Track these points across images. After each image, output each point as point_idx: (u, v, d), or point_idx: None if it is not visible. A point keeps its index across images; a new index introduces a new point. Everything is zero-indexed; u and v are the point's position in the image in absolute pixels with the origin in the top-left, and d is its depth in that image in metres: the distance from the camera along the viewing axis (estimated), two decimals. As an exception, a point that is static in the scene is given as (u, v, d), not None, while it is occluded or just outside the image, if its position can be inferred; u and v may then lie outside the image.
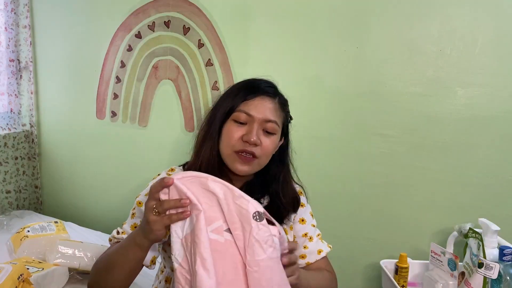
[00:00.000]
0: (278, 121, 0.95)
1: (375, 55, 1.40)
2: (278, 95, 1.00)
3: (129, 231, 0.97)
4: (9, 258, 1.32)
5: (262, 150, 0.93)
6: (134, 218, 0.99)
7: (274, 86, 1.01)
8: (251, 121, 0.93)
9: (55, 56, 1.99)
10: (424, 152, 1.38)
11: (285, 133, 1.03)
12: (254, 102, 0.94)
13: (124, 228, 0.99)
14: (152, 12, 1.73)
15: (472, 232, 1.17)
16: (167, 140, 1.78)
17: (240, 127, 0.93)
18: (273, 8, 1.52)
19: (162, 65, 1.75)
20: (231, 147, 0.92)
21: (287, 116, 1.01)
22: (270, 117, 0.93)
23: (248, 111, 0.93)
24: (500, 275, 1.07)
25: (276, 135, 0.96)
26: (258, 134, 0.92)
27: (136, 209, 0.99)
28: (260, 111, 0.93)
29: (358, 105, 1.44)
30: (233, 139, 0.92)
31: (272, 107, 0.95)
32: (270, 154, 0.97)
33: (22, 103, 2.05)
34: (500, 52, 1.27)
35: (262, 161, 0.96)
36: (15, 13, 1.97)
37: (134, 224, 0.98)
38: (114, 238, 0.98)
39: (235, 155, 0.93)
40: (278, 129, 0.96)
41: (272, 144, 0.95)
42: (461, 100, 1.32)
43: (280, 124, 0.97)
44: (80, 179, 2.02)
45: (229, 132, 0.93)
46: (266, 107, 0.94)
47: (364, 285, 1.52)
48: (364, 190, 1.47)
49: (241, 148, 0.91)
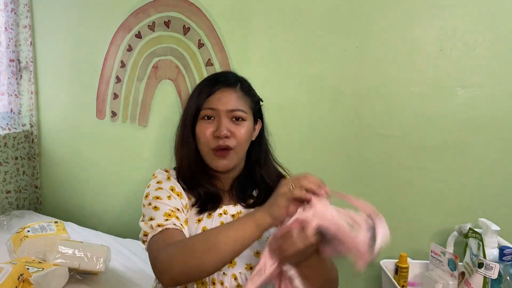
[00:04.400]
0: (244, 108, 0.96)
1: (375, 55, 1.40)
2: (239, 81, 1.00)
3: (169, 219, 0.88)
4: (9, 258, 1.32)
5: (237, 139, 0.94)
6: (159, 210, 0.90)
7: (233, 75, 1.02)
8: (217, 114, 0.94)
9: (55, 56, 1.99)
10: (424, 152, 1.38)
11: (259, 116, 1.04)
12: (216, 95, 0.95)
13: (160, 219, 0.88)
14: (152, 12, 1.73)
15: (472, 232, 1.17)
16: (167, 140, 1.77)
17: (210, 123, 0.95)
18: (273, 8, 1.52)
19: (162, 65, 1.75)
20: (206, 145, 0.95)
21: (254, 100, 1.02)
22: (234, 106, 0.95)
23: (212, 106, 0.94)
24: (500, 275, 1.07)
25: (247, 121, 0.97)
26: (228, 125, 0.94)
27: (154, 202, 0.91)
28: (222, 103, 0.94)
29: (358, 105, 1.44)
30: (205, 136, 0.94)
31: (235, 95, 0.96)
32: (246, 142, 0.98)
33: (22, 103, 2.05)
34: (500, 52, 1.27)
35: (239, 150, 0.97)
36: (15, 13, 1.97)
37: (165, 213, 0.89)
38: (160, 226, 0.86)
39: (211, 153, 0.95)
40: (247, 115, 0.97)
41: (246, 131, 0.96)
42: (461, 100, 1.32)
43: (247, 110, 0.97)
44: (80, 179, 2.02)
45: (201, 131, 0.95)
46: (229, 97, 0.95)
47: (364, 285, 1.52)
48: (364, 190, 1.47)
49: (216, 145, 0.93)
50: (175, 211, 0.91)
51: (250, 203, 1.01)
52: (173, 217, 0.89)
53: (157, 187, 0.96)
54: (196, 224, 0.96)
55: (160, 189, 0.95)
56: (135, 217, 1.04)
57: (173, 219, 0.88)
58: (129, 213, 1.87)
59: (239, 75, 1.04)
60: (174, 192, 0.96)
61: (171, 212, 0.90)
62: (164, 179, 0.99)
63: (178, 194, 0.96)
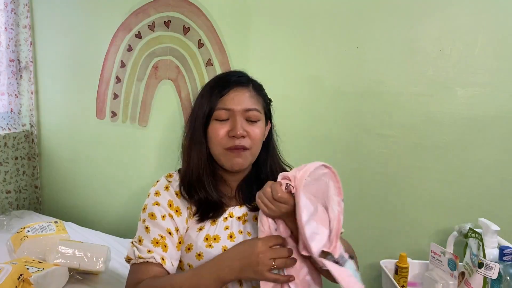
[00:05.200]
0: (258, 107, 0.96)
1: (375, 55, 1.40)
2: (251, 81, 1.00)
3: (153, 248, 0.91)
4: (9, 258, 1.32)
5: (252, 139, 0.94)
6: (150, 232, 0.93)
7: (244, 74, 1.01)
8: (232, 115, 0.93)
9: (55, 56, 1.99)
10: (424, 152, 1.38)
11: (269, 116, 1.03)
12: (230, 95, 0.94)
13: (147, 245, 0.92)
14: (152, 12, 1.73)
15: (472, 232, 1.17)
16: (167, 140, 1.78)
17: (224, 124, 0.93)
18: (273, 8, 1.52)
19: (162, 65, 1.75)
20: (221, 145, 0.93)
21: (265, 100, 1.01)
22: (249, 105, 0.94)
23: (227, 106, 0.93)
24: (500, 275, 1.07)
25: (261, 121, 0.97)
26: (243, 125, 0.93)
27: (147, 221, 0.95)
28: (238, 103, 0.93)
29: (358, 105, 1.44)
30: (219, 137, 0.93)
31: (249, 95, 0.95)
32: (260, 142, 0.97)
33: (22, 103, 2.05)
34: (500, 52, 1.27)
35: (254, 151, 0.96)
36: (15, 13, 1.97)
37: (154, 239, 0.92)
38: (140, 258, 0.91)
39: (226, 152, 0.93)
40: (261, 115, 0.97)
41: (260, 131, 0.95)
42: (461, 100, 1.32)
43: (261, 110, 0.97)
44: (80, 179, 2.02)
45: (215, 132, 0.93)
46: (243, 97, 0.94)
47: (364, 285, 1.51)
48: (364, 190, 1.47)
49: (231, 145, 0.92)
50: (165, 236, 0.92)
51: (255, 205, 1.00)
52: (160, 246, 0.91)
53: (154, 202, 0.95)
54: (197, 232, 0.95)
55: (157, 204, 0.95)
56: (135, 217, 1.04)
57: (158, 250, 0.91)
58: (129, 213, 1.87)
59: (250, 75, 1.03)
60: (172, 208, 0.95)
61: (160, 238, 0.91)
62: (162, 190, 0.97)
63: (177, 210, 0.95)
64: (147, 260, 0.90)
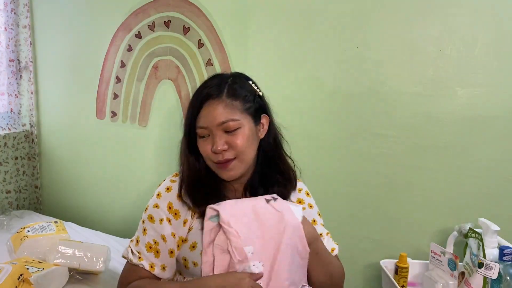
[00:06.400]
0: (234, 116, 0.92)
1: (375, 55, 1.40)
2: (225, 88, 0.94)
3: (146, 254, 0.95)
4: (9, 258, 1.32)
5: (235, 149, 0.92)
6: (146, 235, 0.96)
7: (215, 84, 0.95)
8: (210, 131, 0.92)
9: (55, 56, 1.99)
10: (424, 152, 1.38)
11: (259, 112, 0.98)
12: (203, 113, 0.93)
13: (141, 249, 0.96)
14: (152, 12, 1.73)
15: (472, 232, 1.17)
16: (167, 140, 1.78)
17: (206, 140, 0.94)
18: (273, 8, 1.52)
19: (162, 65, 1.75)
20: (210, 160, 0.95)
21: (247, 100, 0.95)
22: (222, 118, 0.91)
23: (203, 125, 0.93)
24: (500, 275, 1.07)
25: (241, 127, 0.92)
26: (223, 138, 0.91)
27: (146, 223, 0.97)
28: (212, 119, 0.91)
29: (358, 105, 1.44)
30: (206, 153, 0.94)
31: (222, 106, 0.91)
32: (249, 147, 0.94)
33: (22, 103, 2.05)
34: (500, 52, 1.27)
35: (243, 157, 0.94)
36: (15, 13, 1.97)
37: (148, 243, 0.96)
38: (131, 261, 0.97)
39: (217, 166, 0.94)
40: (240, 121, 0.92)
41: (243, 138, 0.92)
42: (461, 100, 1.32)
43: (240, 115, 0.92)
44: (80, 179, 2.02)
45: (201, 148, 0.95)
46: (215, 112, 0.91)
47: (364, 285, 1.52)
48: (364, 190, 1.47)
49: (217, 160, 0.93)
50: (158, 242, 0.95)
51: None
52: (152, 252, 0.95)
53: (154, 204, 0.97)
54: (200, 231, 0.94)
55: (157, 206, 0.96)
56: (135, 217, 1.05)
57: (149, 256, 0.95)
58: (129, 213, 1.87)
59: (226, 75, 0.99)
60: (171, 211, 0.96)
61: (153, 243, 0.95)
62: (164, 192, 0.98)
63: (175, 213, 0.96)
64: (138, 264, 0.95)
